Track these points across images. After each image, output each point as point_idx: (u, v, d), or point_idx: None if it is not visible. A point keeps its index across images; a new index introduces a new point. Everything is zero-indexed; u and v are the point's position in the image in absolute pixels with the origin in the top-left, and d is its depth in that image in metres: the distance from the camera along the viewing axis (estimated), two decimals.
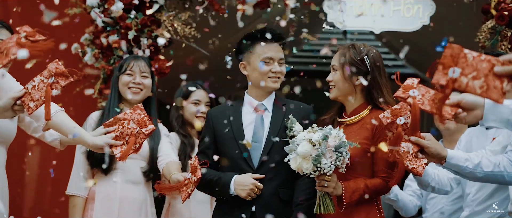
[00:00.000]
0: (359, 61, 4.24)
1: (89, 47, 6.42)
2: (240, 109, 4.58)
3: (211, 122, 4.58)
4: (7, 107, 3.68)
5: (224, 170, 4.46)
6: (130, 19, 6.23)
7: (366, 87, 4.25)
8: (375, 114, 4.10)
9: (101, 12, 6.31)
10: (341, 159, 3.88)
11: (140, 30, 6.24)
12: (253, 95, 4.59)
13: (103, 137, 3.97)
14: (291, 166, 3.98)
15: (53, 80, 3.61)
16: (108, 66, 6.23)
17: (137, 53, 6.19)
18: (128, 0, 6.22)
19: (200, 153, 4.58)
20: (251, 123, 4.51)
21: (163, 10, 6.37)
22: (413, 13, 6.63)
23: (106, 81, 6.28)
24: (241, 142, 4.40)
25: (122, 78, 5.03)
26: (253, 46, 4.52)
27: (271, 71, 4.47)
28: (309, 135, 3.95)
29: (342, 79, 4.28)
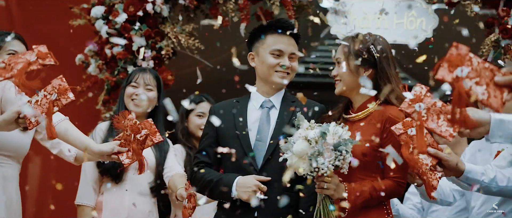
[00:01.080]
0: (365, 51, 3.93)
1: (93, 59, 6.42)
2: (246, 105, 4.29)
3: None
4: (11, 121, 3.67)
5: (226, 171, 4.19)
6: (135, 30, 6.23)
7: (374, 80, 3.91)
8: (386, 110, 3.86)
9: (105, 24, 6.31)
10: (341, 158, 3.58)
11: None
12: (260, 91, 4.30)
13: (110, 143, 3.96)
14: (288, 165, 3.70)
15: (55, 97, 3.59)
16: (112, 78, 6.23)
17: (140, 64, 6.19)
18: (133, 12, 6.22)
19: (201, 151, 4.29)
20: (256, 121, 4.22)
21: (167, 21, 6.37)
22: (416, 26, 6.62)
23: (109, 93, 6.27)
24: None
25: (127, 90, 5.05)
26: (264, 37, 4.25)
27: (279, 65, 4.19)
28: (305, 132, 3.67)
29: (348, 72, 3.97)
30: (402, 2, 6.58)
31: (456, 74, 2.88)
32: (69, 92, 3.61)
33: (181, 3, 6.38)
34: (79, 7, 6.47)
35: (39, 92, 3.61)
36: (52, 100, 3.58)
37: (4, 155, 4.17)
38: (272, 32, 4.23)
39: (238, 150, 4.14)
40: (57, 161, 5.71)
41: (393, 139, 3.65)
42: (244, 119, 4.22)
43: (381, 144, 3.83)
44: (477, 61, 2.92)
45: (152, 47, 6.27)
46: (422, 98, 3.39)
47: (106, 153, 3.92)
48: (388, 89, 3.88)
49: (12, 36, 4.37)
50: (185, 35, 6.34)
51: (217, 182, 4.12)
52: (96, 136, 5.02)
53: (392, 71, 3.94)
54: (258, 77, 4.33)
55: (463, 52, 2.92)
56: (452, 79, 2.90)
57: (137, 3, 6.24)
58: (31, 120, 3.61)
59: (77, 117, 4.43)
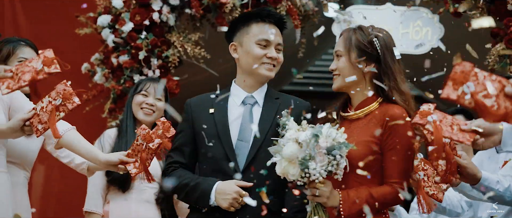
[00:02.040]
0: (367, 44, 3.62)
1: (99, 67, 6.42)
2: (226, 101, 3.92)
3: (191, 114, 3.94)
4: (16, 129, 3.65)
5: (204, 173, 3.86)
6: (141, 39, 6.23)
7: (377, 76, 3.63)
8: (388, 109, 3.56)
9: (111, 33, 6.32)
10: (335, 163, 3.29)
11: (151, 51, 6.24)
12: (242, 85, 3.95)
13: (117, 153, 3.94)
14: (277, 171, 3.41)
15: (60, 102, 3.57)
16: (118, 86, 6.23)
17: (147, 73, 6.19)
18: (139, 21, 6.23)
19: (174, 150, 3.95)
20: (237, 118, 3.87)
21: (173, 30, 6.37)
22: (422, 36, 6.61)
23: (115, 101, 6.27)
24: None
25: (136, 98, 5.05)
26: (248, 26, 3.91)
27: (266, 56, 3.85)
28: (296, 134, 3.39)
29: (349, 66, 3.65)
30: (407, 12, 6.58)
31: (461, 91, 2.86)
32: (74, 97, 3.59)
33: (187, 12, 6.38)
34: (85, 16, 6.48)
35: (44, 98, 3.60)
36: (56, 105, 3.56)
37: (8, 162, 4.16)
38: (257, 21, 3.91)
39: (218, 150, 3.80)
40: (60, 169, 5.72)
41: (393, 140, 3.49)
42: (224, 116, 3.87)
43: (381, 147, 3.54)
44: (483, 75, 2.88)
45: (158, 56, 6.28)
46: (432, 113, 3.36)
47: (113, 163, 3.89)
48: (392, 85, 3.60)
49: (24, 43, 4.38)
50: (191, 44, 6.34)
51: (194, 186, 3.79)
52: (104, 143, 5.02)
53: (397, 66, 3.63)
54: (240, 70, 3.97)
55: (467, 68, 2.89)
56: (458, 97, 2.87)
57: (143, 12, 6.26)
58: (38, 127, 3.59)
59: (83, 126, 4.42)
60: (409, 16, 6.60)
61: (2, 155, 4.00)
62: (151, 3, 6.28)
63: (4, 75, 3.59)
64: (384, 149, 3.54)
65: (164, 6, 6.31)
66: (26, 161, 4.30)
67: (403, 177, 3.53)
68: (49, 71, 3.59)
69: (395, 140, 3.49)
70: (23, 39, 4.41)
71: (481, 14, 6.07)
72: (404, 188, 3.50)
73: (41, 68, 3.58)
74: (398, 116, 3.52)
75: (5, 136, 3.78)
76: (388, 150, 3.51)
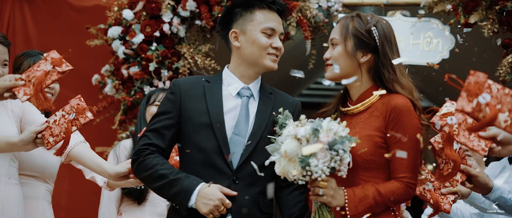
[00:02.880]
0: (365, 32, 3.38)
1: (109, 79, 6.43)
2: (220, 89, 3.60)
3: (179, 96, 3.54)
4: (29, 141, 3.64)
5: (189, 163, 3.50)
6: (151, 51, 6.25)
7: (374, 66, 3.39)
8: (391, 99, 3.30)
9: (122, 44, 6.34)
10: (338, 159, 3.04)
11: (161, 62, 6.25)
12: (239, 75, 3.61)
13: (123, 163, 3.93)
14: (276, 171, 3.17)
15: (73, 117, 3.56)
16: (128, 98, 6.24)
17: (157, 85, 6.21)
18: (149, 32, 6.25)
19: (153, 131, 3.52)
20: (232, 109, 3.54)
21: (183, 42, 6.39)
22: (432, 47, 6.59)
23: (126, 113, 6.28)
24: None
25: (150, 109, 5.06)
26: (251, 12, 3.59)
27: (271, 46, 3.56)
28: (295, 129, 3.15)
29: (344, 55, 3.39)
30: (418, 23, 6.57)
31: (476, 102, 2.79)
32: (88, 112, 3.56)
33: (198, 23, 6.40)
34: (96, 28, 6.50)
35: (57, 112, 3.60)
36: (70, 120, 3.55)
37: (27, 175, 4.15)
38: (261, 7, 3.61)
39: (210, 142, 3.45)
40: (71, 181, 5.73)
41: (401, 131, 3.23)
42: (219, 106, 3.54)
43: (386, 139, 3.29)
44: (496, 88, 2.83)
45: (169, 67, 6.29)
46: (453, 113, 3.32)
47: (122, 173, 3.87)
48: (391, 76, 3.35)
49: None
50: (201, 56, 6.35)
51: (173, 181, 3.39)
52: (120, 154, 5.02)
53: (396, 57, 3.38)
54: (239, 59, 3.62)
55: (481, 79, 2.83)
56: (472, 110, 2.81)
57: (154, 24, 6.28)
58: (50, 140, 3.59)
59: (94, 137, 4.43)
60: (420, 27, 6.59)
61: (14, 168, 4.00)
62: (161, 14, 6.31)
63: (16, 84, 3.59)
64: (389, 142, 3.28)
65: (174, 17, 6.34)
66: (47, 174, 4.28)
67: (412, 170, 3.28)
68: (62, 70, 3.59)
69: (400, 131, 3.24)
70: (42, 52, 4.40)
71: (492, 25, 6.06)
72: (415, 182, 3.29)
73: (53, 69, 3.58)
74: (402, 105, 3.28)
75: (17, 149, 3.76)
76: (394, 143, 3.26)
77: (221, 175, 3.43)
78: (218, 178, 3.42)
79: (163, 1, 6.31)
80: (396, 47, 3.42)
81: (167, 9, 6.29)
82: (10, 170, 3.96)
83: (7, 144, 3.72)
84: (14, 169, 3.99)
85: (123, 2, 6.46)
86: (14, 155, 3.98)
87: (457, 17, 6.20)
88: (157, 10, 6.28)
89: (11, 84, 3.59)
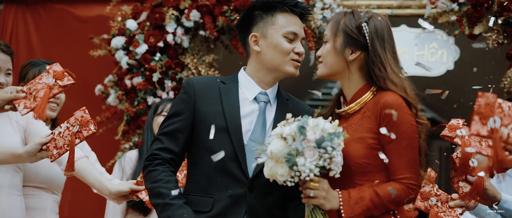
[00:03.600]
0: (355, 29, 3.24)
1: (113, 89, 6.44)
2: (236, 91, 3.44)
3: (193, 96, 3.38)
4: (34, 152, 3.61)
5: (202, 169, 3.32)
6: (155, 61, 6.25)
7: (365, 64, 3.25)
8: (381, 97, 3.16)
9: (125, 54, 6.35)
10: (327, 157, 2.90)
11: (165, 73, 6.26)
12: (257, 79, 3.45)
13: (127, 182, 3.91)
14: (264, 174, 3.04)
15: (77, 129, 3.55)
16: (131, 108, 6.24)
17: (161, 95, 6.21)
18: (153, 43, 6.26)
19: (166, 134, 3.36)
20: (249, 114, 3.38)
21: (187, 52, 6.39)
22: (437, 58, 6.59)
23: (129, 123, 6.28)
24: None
25: (157, 120, 5.06)
26: (273, 15, 3.43)
27: (294, 52, 3.39)
28: (281, 129, 3.02)
29: (332, 52, 3.26)
30: (423, 34, 6.57)
31: (490, 126, 2.76)
32: (91, 125, 3.54)
33: (201, 34, 6.40)
34: (99, 38, 6.50)
35: (62, 124, 3.59)
36: (74, 133, 3.54)
37: (33, 186, 4.14)
38: (283, 11, 3.44)
39: (226, 147, 3.26)
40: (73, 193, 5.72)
41: (394, 130, 3.07)
42: (235, 110, 3.37)
43: (380, 139, 3.14)
44: (507, 106, 2.81)
45: (172, 78, 6.29)
46: (461, 128, 3.31)
47: (124, 192, 3.85)
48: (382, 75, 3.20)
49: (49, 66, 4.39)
50: (205, 66, 6.35)
51: (166, 205, 3.21)
52: (125, 166, 5.01)
53: (388, 55, 3.21)
54: (260, 64, 3.45)
55: (491, 100, 2.80)
56: (488, 132, 2.77)
57: (157, 34, 6.28)
58: (53, 152, 3.58)
59: (96, 148, 4.42)
60: (424, 38, 6.59)
61: (18, 179, 3.97)
62: (165, 25, 6.31)
63: (17, 96, 3.57)
64: (383, 142, 3.13)
65: (178, 28, 6.34)
66: (54, 185, 4.25)
67: (411, 170, 3.12)
68: (63, 84, 3.58)
69: (393, 129, 3.07)
70: (48, 61, 4.39)
71: (497, 36, 6.06)
72: (416, 183, 3.12)
73: (55, 83, 3.58)
74: (392, 102, 3.12)
75: (22, 160, 3.73)
76: (388, 143, 3.10)
77: (235, 182, 3.28)
78: (232, 185, 3.27)
79: (167, 11, 6.32)
80: (390, 44, 3.26)
81: (171, 19, 6.29)
82: (13, 181, 3.93)
83: (12, 155, 3.69)
84: (18, 180, 3.97)
85: (127, 12, 6.47)
86: (18, 165, 3.96)
87: (461, 28, 6.20)
88: (161, 20, 6.29)
89: (11, 96, 3.58)
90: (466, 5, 6.15)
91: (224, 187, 3.27)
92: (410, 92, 3.19)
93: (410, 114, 3.13)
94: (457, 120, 3.35)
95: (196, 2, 6.33)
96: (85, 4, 6.83)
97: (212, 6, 6.31)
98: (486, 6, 6.09)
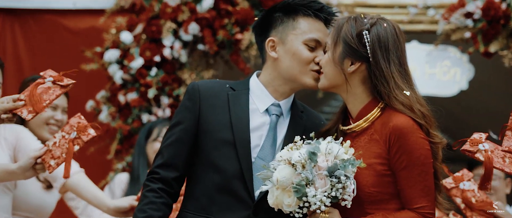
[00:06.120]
0: (355, 37, 3.00)
1: (105, 105, 6.40)
2: (246, 101, 3.20)
3: (198, 103, 3.16)
4: (27, 167, 3.57)
5: (205, 188, 3.12)
6: (151, 76, 6.22)
7: (368, 78, 3.02)
8: (390, 119, 2.95)
9: (119, 69, 6.32)
10: (340, 187, 2.74)
11: (161, 89, 6.22)
12: (272, 89, 3.21)
13: (127, 198, 3.89)
14: (269, 202, 2.87)
15: (75, 136, 3.52)
16: (125, 126, 6.20)
17: (156, 113, 6.17)
18: (149, 57, 6.22)
19: (168, 146, 3.16)
20: (259, 128, 3.15)
21: (185, 67, 6.36)
22: (450, 77, 6.55)
23: (122, 142, 6.24)
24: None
25: (154, 146, 5.03)
26: (294, 19, 3.18)
27: (314, 62, 3.14)
28: (289, 153, 2.84)
29: (330, 63, 3.04)
30: (435, 51, 6.54)
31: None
32: (90, 129, 3.51)
33: (200, 48, 6.37)
34: (92, 51, 6.46)
35: (57, 134, 3.56)
36: (71, 139, 3.51)
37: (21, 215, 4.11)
38: (306, 15, 3.19)
39: (231, 164, 3.09)
40: None
41: (406, 156, 2.91)
42: (245, 122, 3.15)
43: (391, 165, 2.96)
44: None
45: (169, 94, 6.26)
46: (483, 142, 3.27)
47: (124, 209, 3.83)
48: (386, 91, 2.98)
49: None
50: None
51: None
52: (114, 189, 4.97)
53: (393, 68, 2.97)
54: (276, 72, 3.22)
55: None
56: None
57: (154, 48, 6.26)
58: (51, 163, 3.54)
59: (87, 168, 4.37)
60: (436, 55, 6.56)
61: (7, 200, 3.94)
62: (162, 38, 6.28)
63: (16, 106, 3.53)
64: (394, 168, 2.95)
65: (175, 41, 6.31)
66: (43, 214, 4.23)
67: (427, 199, 2.95)
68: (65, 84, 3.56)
69: (405, 156, 2.91)
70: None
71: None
72: (432, 211, 2.95)
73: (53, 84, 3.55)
74: (402, 126, 2.92)
75: (15, 177, 3.68)
76: (400, 170, 2.93)
77: (239, 204, 3.07)
78: (235, 207, 3.06)
79: (164, 23, 6.29)
80: (397, 55, 3.00)
81: (168, 32, 6.25)
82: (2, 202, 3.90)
83: (5, 172, 3.64)
84: (7, 201, 3.94)
85: (122, 24, 6.43)
86: (7, 186, 3.92)
87: (476, 46, 6.17)
88: (158, 33, 6.26)
89: (10, 106, 3.54)
90: (481, 21, 6.13)
91: (226, 209, 3.07)
92: (419, 111, 2.96)
93: (422, 137, 2.93)
94: (480, 134, 3.26)
95: (195, 14, 6.29)
96: (77, 14, 6.77)
97: (212, 19, 6.29)
98: (503, 23, 6.06)
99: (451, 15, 6.25)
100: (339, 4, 6.43)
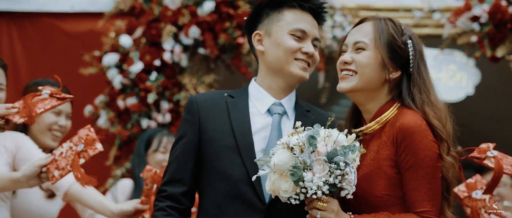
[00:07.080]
0: (401, 44, 2.98)
1: (104, 110, 6.38)
2: (246, 105, 3.22)
3: (197, 114, 3.18)
4: (32, 176, 3.55)
5: (213, 197, 3.10)
6: (151, 81, 6.20)
7: (397, 86, 3.03)
8: (396, 117, 2.96)
9: (118, 73, 6.30)
10: (338, 174, 2.68)
11: (161, 93, 6.20)
12: (266, 86, 3.24)
13: (131, 202, 3.87)
14: (266, 188, 2.85)
15: (82, 148, 3.51)
16: (124, 132, 6.18)
17: (156, 118, 6.15)
18: (149, 61, 6.20)
19: (174, 160, 3.18)
20: (262, 129, 3.15)
21: (185, 72, 6.34)
22: (456, 82, 6.53)
23: (121, 148, 6.22)
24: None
25: (156, 157, 5.06)
26: (280, 12, 3.22)
27: (301, 51, 3.16)
28: (288, 138, 2.81)
29: (375, 65, 2.98)
30: (440, 55, 6.52)
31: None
32: (97, 143, 3.48)
33: (201, 52, 6.35)
34: (90, 55, 6.44)
35: (64, 144, 3.54)
36: (78, 152, 3.49)
37: None
38: (291, 7, 3.22)
39: (237, 169, 3.07)
40: None
41: (411, 156, 2.87)
42: (246, 125, 3.16)
43: (399, 167, 2.92)
44: None
45: (169, 99, 6.24)
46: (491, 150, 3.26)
47: (128, 212, 3.82)
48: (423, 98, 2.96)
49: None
50: (204, 87, 6.29)
51: None
52: (117, 195, 4.96)
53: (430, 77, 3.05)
54: (265, 67, 3.26)
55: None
56: None
57: (154, 52, 6.25)
58: (55, 174, 3.52)
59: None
60: (442, 59, 6.54)
61: (5, 209, 3.91)
62: (162, 42, 6.27)
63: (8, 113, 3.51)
64: (400, 169, 2.92)
65: (176, 45, 6.30)
66: None
67: (431, 203, 2.88)
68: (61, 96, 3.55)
69: (410, 156, 2.88)
70: (50, 81, 4.33)
71: None
72: (438, 215, 2.90)
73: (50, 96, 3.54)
74: (409, 125, 2.90)
75: (20, 186, 3.66)
76: (405, 170, 2.89)
77: (250, 209, 3.03)
78: (246, 212, 3.03)
79: (164, 27, 6.27)
80: (426, 64, 3.06)
81: (169, 36, 6.25)
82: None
83: (10, 180, 3.62)
84: (5, 212, 3.90)
85: (121, 27, 6.42)
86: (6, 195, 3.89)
87: (483, 50, 6.15)
88: (158, 36, 6.26)
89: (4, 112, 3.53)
90: (488, 25, 6.12)
91: (238, 216, 3.04)
92: (444, 118, 2.97)
93: (431, 140, 2.89)
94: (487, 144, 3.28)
95: (195, 17, 6.29)
96: (75, 18, 6.76)
97: (213, 23, 6.28)
98: (510, 26, 6.05)
99: (457, 19, 6.25)
100: (343, 7, 6.42)
